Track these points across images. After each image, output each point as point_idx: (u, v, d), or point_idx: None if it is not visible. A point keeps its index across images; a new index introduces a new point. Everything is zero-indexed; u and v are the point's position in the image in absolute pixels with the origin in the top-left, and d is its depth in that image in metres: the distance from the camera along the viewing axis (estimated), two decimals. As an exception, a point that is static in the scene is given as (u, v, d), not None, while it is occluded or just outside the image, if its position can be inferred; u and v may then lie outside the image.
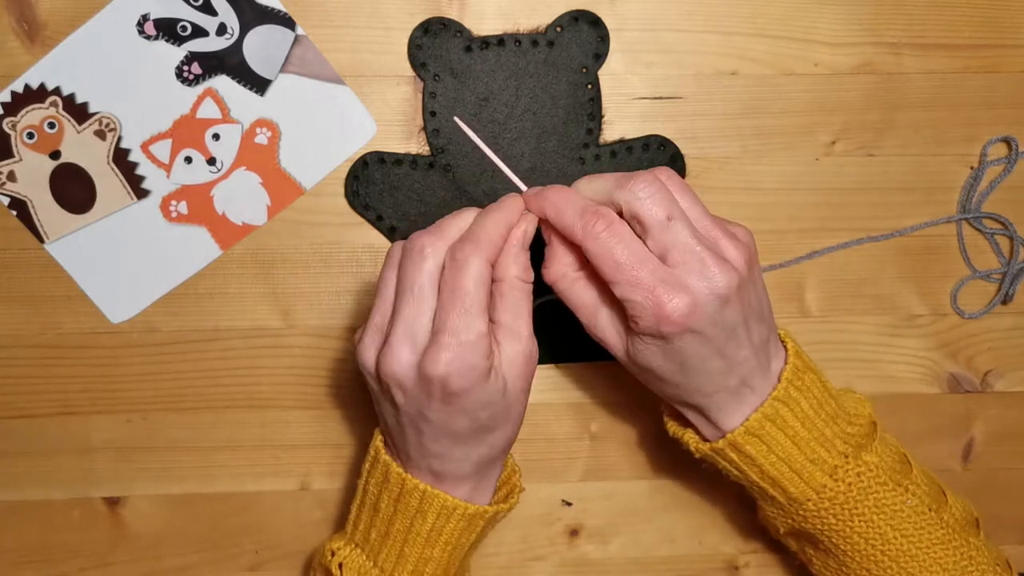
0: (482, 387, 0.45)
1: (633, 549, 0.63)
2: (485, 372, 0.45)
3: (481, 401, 0.46)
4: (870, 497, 0.50)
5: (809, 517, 0.51)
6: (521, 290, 0.47)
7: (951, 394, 0.63)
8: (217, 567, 0.62)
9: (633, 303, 0.44)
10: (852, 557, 0.51)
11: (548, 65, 0.58)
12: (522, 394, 0.48)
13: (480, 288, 0.44)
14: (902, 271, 0.62)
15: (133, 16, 0.57)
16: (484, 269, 0.44)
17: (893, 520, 0.51)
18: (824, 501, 0.50)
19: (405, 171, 0.58)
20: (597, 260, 0.45)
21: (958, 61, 0.60)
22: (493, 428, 0.48)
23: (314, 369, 0.60)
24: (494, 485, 0.52)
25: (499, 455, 0.50)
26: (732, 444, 0.49)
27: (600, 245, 0.45)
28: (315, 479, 0.61)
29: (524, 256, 0.47)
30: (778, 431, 0.49)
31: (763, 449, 0.49)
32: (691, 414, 0.50)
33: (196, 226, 0.59)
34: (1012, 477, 0.64)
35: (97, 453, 0.60)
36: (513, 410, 0.48)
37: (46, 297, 0.59)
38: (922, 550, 0.51)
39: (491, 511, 0.50)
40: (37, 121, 0.57)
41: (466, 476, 0.49)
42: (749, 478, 0.51)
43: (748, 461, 0.50)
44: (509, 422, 0.48)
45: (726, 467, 0.51)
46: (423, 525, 0.49)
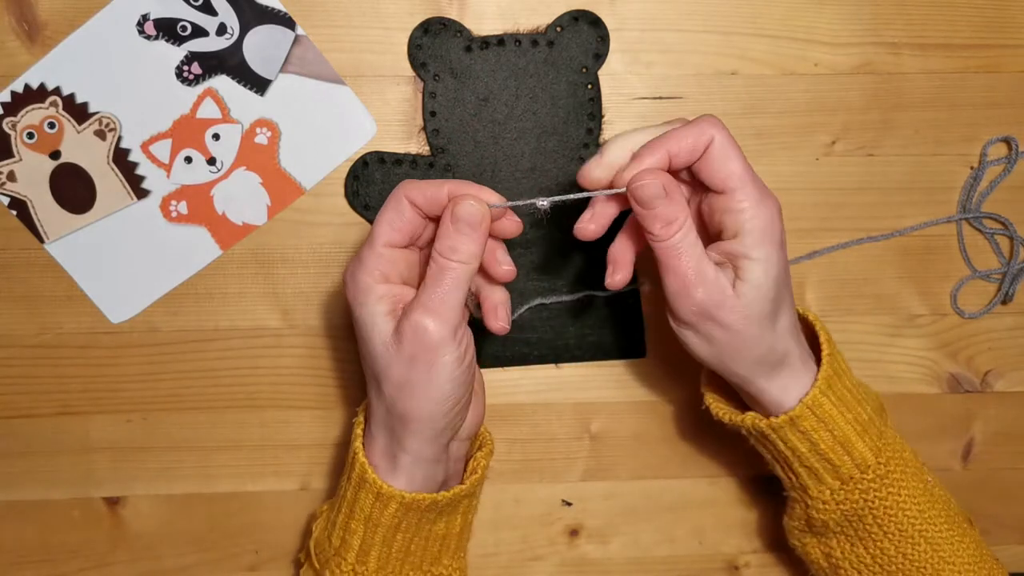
0: (361, 304, 0.47)
1: (633, 549, 0.63)
2: (366, 288, 0.47)
3: (359, 320, 0.47)
4: (908, 469, 0.51)
5: (867, 489, 0.51)
6: (435, 261, 0.46)
7: (951, 394, 0.63)
8: (217, 567, 0.62)
9: (748, 200, 0.47)
10: (893, 538, 0.51)
11: (548, 65, 0.58)
12: (405, 364, 0.47)
13: (386, 212, 0.47)
14: (902, 271, 0.62)
15: (133, 16, 0.57)
16: (397, 199, 0.47)
17: (927, 497, 0.52)
18: (880, 467, 0.51)
19: (405, 171, 0.58)
20: (729, 154, 0.47)
21: (958, 61, 0.60)
22: (376, 374, 0.48)
23: (314, 369, 0.60)
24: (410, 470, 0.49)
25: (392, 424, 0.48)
26: (810, 408, 0.49)
27: (728, 139, 0.47)
28: (315, 479, 0.61)
29: (449, 230, 0.46)
30: (842, 390, 0.50)
31: (833, 411, 0.50)
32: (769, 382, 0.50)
33: (196, 226, 0.59)
34: (1012, 477, 0.64)
35: (97, 453, 0.60)
36: (389, 370, 0.47)
37: (46, 297, 0.59)
38: (949, 532, 0.52)
39: (407, 497, 0.49)
40: (37, 121, 0.57)
41: (373, 434, 0.49)
42: (818, 448, 0.50)
43: (821, 426, 0.50)
44: (386, 380, 0.47)
45: (795, 443, 0.51)
46: (352, 493, 0.50)
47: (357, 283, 0.47)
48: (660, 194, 0.46)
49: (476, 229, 0.46)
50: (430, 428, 0.48)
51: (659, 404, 0.62)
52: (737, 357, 0.49)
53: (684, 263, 0.46)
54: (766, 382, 0.50)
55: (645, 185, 0.46)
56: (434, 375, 0.47)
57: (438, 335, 0.46)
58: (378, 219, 0.48)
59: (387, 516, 0.49)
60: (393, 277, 0.48)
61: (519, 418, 0.61)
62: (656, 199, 0.46)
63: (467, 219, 0.46)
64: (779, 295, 0.48)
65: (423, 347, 0.46)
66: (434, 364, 0.47)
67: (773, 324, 0.48)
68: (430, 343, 0.46)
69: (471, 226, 0.46)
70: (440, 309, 0.46)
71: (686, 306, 0.47)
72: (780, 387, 0.50)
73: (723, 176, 0.47)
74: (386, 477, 0.49)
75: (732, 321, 0.47)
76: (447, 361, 0.47)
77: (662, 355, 0.61)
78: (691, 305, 0.47)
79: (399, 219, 0.47)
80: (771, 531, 0.63)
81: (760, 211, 0.47)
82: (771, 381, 0.50)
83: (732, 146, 0.47)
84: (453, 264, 0.46)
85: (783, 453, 0.51)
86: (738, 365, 0.49)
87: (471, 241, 0.46)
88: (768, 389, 0.50)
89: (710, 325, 0.47)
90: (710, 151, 0.47)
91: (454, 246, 0.46)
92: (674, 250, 0.46)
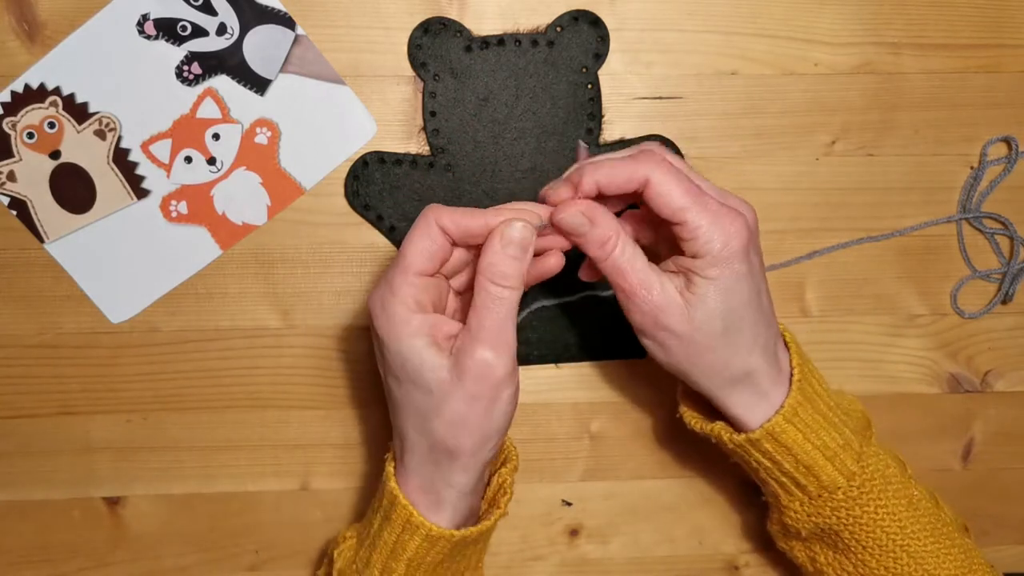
0: (398, 337, 0.45)
1: (633, 549, 0.63)
2: (402, 320, 0.45)
3: (398, 354, 0.46)
4: (890, 487, 0.51)
5: (839, 507, 0.51)
6: (482, 287, 0.45)
7: (951, 394, 0.63)
8: (217, 567, 0.62)
9: (699, 228, 0.46)
10: (872, 553, 0.51)
11: (548, 65, 0.58)
12: (464, 402, 0.45)
13: (415, 239, 0.46)
14: (902, 271, 0.62)
15: (133, 16, 0.57)
16: (428, 225, 0.46)
17: (910, 512, 0.51)
18: (853, 489, 0.50)
19: (405, 171, 0.58)
20: (664, 191, 0.46)
21: (958, 61, 0.60)
22: (418, 409, 0.46)
23: (314, 369, 0.60)
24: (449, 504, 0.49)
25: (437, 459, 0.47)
26: (770, 433, 0.49)
27: (665, 175, 0.46)
28: (315, 479, 0.61)
29: (498, 255, 0.45)
30: (809, 416, 0.50)
31: (798, 436, 0.49)
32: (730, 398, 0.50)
33: (196, 226, 0.59)
34: (1012, 477, 0.64)
35: (97, 453, 0.60)
36: (443, 407, 0.45)
37: (46, 297, 0.59)
38: (934, 545, 0.51)
39: (456, 536, 0.48)
40: (37, 121, 0.57)
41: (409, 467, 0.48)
42: (782, 467, 0.50)
43: (784, 450, 0.50)
44: (437, 416, 0.46)
45: (759, 458, 0.51)
46: (390, 535, 0.48)
47: (392, 315, 0.46)
48: (583, 223, 0.47)
49: (526, 251, 0.46)
50: (480, 461, 0.48)
51: (659, 404, 0.62)
52: (693, 368, 0.49)
53: (628, 275, 0.47)
54: (727, 397, 0.50)
55: (564, 219, 0.47)
56: (494, 411, 0.46)
57: (503, 371, 0.45)
58: (408, 246, 0.46)
59: (432, 554, 0.48)
60: (427, 305, 0.47)
61: (519, 418, 0.61)
62: (581, 227, 0.47)
63: (520, 242, 0.46)
64: (732, 311, 0.47)
65: (488, 385, 0.45)
66: (496, 400, 0.46)
67: (726, 339, 0.48)
68: (495, 380, 0.45)
69: (523, 249, 0.46)
70: (500, 343, 0.45)
71: (636, 314, 0.48)
72: (743, 404, 0.50)
73: (669, 212, 0.46)
74: (429, 514, 0.48)
75: (681, 329, 0.47)
76: (507, 396, 0.46)
77: (662, 355, 0.61)
78: (638, 314, 0.47)
79: (431, 246, 0.46)
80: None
81: (715, 234, 0.46)
82: (732, 397, 0.50)
83: (670, 181, 0.46)
84: (505, 292, 0.45)
85: (751, 464, 0.52)
86: (696, 376, 0.49)
87: (521, 264, 0.46)
88: (730, 405, 0.50)
89: (661, 333, 0.48)
90: (649, 190, 0.47)
91: (505, 272, 0.45)
92: (614, 265, 0.47)
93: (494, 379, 0.45)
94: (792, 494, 0.52)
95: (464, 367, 0.45)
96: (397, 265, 0.46)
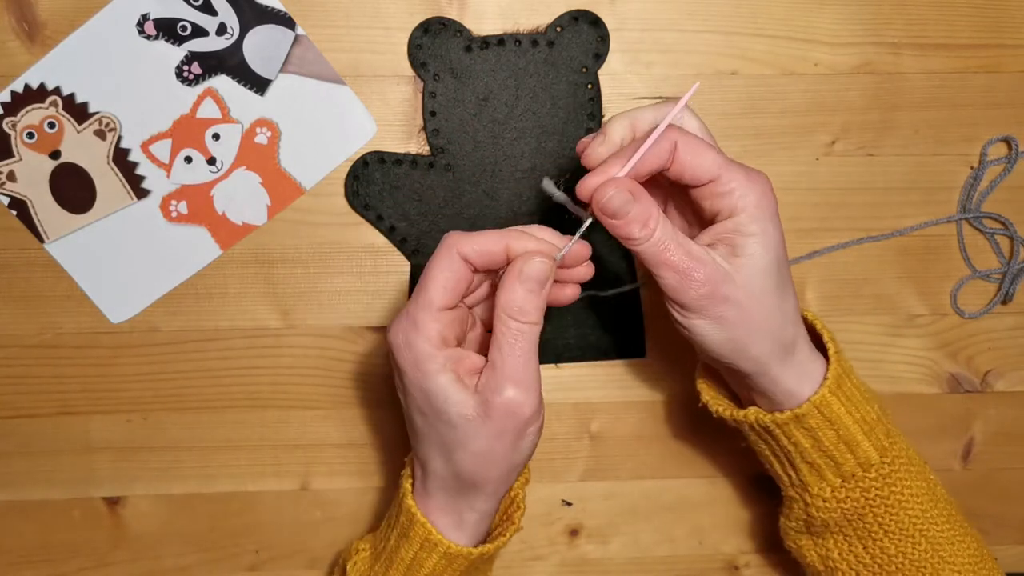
0: (423, 373, 0.45)
1: (633, 549, 0.63)
2: (426, 357, 0.44)
3: (423, 390, 0.45)
4: (913, 467, 0.51)
5: (869, 487, 0.50)
6: (505, 324, 0.44)
7: (951, 394, 0.63)
8: (217, 567, 0.62)
9: (734, 181, 0.46)
10: (893, 538, 0.51)
11: (548, 65, 0.58)
12: (490, 438, 0.45)
13: (438, 273, 0.45)
14: (902, 271, 0.62)
15: (133, 16, 0.57)
16: (450, 257, 0.45)
17: (929, 496, 0.51)
18: (884, 466, 0.50)
19: (405, 171, 0.58)
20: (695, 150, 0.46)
21: (958, 61, 0.60)
22: (442, 442, 0.46)
23: (314, 369, 0.60)
24: (471, 526, 0.49)
25: (461, 489, 0.47)
26: (817, 406, 0.49)
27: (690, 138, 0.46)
28: (315, 479, 0.61)
29: (518, 291, 0.45)
30: (849, 389, 0.49)
31: (842, 410, 0.49)
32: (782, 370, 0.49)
33: (196, 226, 0.59)
34: (1012, 477, 0.64)
35: (97, 453, 0.60)
36: (469, 442, 0.45)
37: (46, 297, 0.59)
38: (950, 532, 0.51)
39: (475, 553, 0.48)
40: (37, 121, 0.57)
41: (431, 492, 0.48)
42: (822, 445, 0.49)
43: (827, 425, 0.49)
44: (463, 450, 0.45)
45: (798, 439, 0.50)
46: (408, 552, 0.48)
47: (416, 350, 0.45)
48: (628, 199, 0.45)
49: (544, 286, 0.45)
50: (504, 489, 0.48)
51: (659, 404, 0.62)
52: (751, 338, 0.47)
53: (673, 253, 0.46)
54: (781, 367, 0.48)
55: (612, 197, 0.45)
56: (520, 445, 0.46)
57: (531, 409, 0.45)
58: (430, 278, 0.45)
59: (450, 572, 0.49)
60: (451, 339, 0.46)
61: (519, 418, 0.61)
62: (626, 205, 0.45)
63: (537, 278, 0.45)
64: (780, 270, 0.47)
65: (515, 422, 0.45)
66: (523, 436, 0.46)
67: (780, 300, 0.47)
68: (523, 418, 0.45)
69: (541, 284, 0.45)
70: (526, 380, 0.44)
71: (691, 292, 0.46)
72: (796, 375, 0.49)
73: (701, 170, 0.46)
74: (450, 534, 0.48)
75: (740, 297, 0.46)
76: (533, 431, 0.46)
77: (662, 355, 0.61)
78: (695, 288, 0.46)
79: (453, 279, 0.45)
80: (771, 531, 0.63)
81: (750, 187, 0.46)
82: (786, 367, 0.49)
83: (698, 141, 0.47)
84: (525, 327, 0.45)
85: (785, 448, 0.51)
86: (753, 347, 0.47)
87: (541, 299, 0.45)
88: (783, 377, 0.49)
89: (719, 305, 0.46)
90: (677, 154, 0.46)
91: (524, 307, 0.44)
92: (660, 245, 0.46)
93: (522, 417, 0.45)
94: (824, 478, 0.51)
95: (491, 405, 0.44)
96: (419, 299, 0.45)
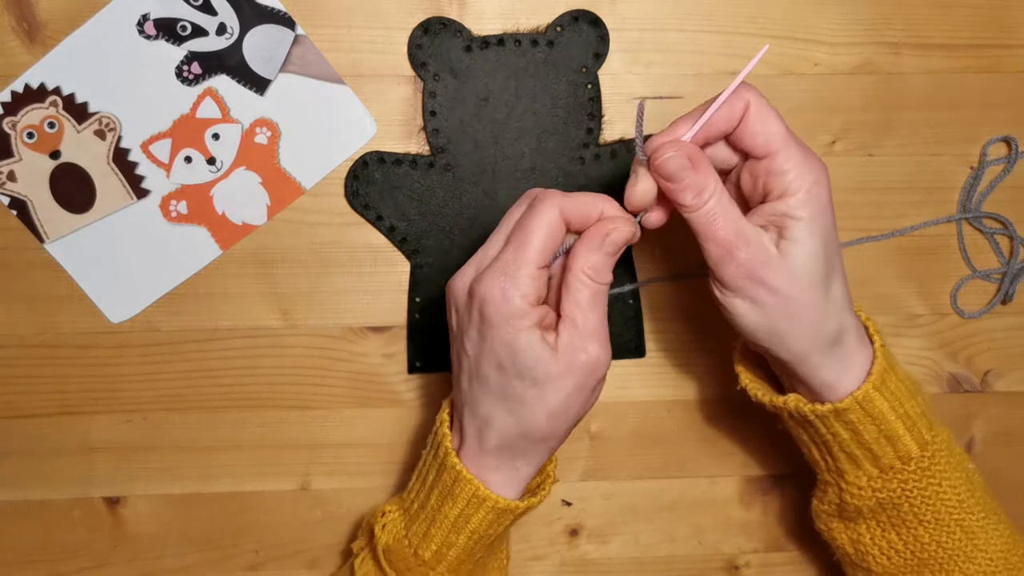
0: (514, 330, 0.45)
1: (633, 549, 0.63)
2: (521, 314, 0.45)
3: (510, 346, 0.45)
4: (953, 458, 0.50)
5: (907, 479, 0.50)
6: (587, 286, 0.45)
7: (951, 394, 0.63)
8: (217, 567, 0.62)
9: (791, 160, 0.46)
10: (928, 527, 0.50)
11: (548, 65, 0.58)
12: (569, 394, 0.46)
13: (542, 231, 0.45)
14: (902, 271, 0.62)
15: (133, 16, 0.57)
16: (554, 217, 0.45)
17: (967, 485, 0.51)
18: (924, 459, 0.49)
19: (405, 171, 0.58)
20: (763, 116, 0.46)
21: (958, 61, 0.60)
22: (520, 400, 0.46)
23: (314, 369, 0.60)
24: (524, 480, 0.50)
25: (527, 445, 0.48)
26: (859, 402, 0.48)
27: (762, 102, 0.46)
28: (315, 479, 0.61)
29: (599, 254, 0.46)
30: (894, 384, 0.49)
31: (885, 406, 0.48)
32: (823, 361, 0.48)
33: (196, 226, 0.59)
34: (1012, 477, 0.64)
35: (97, 453, 0.60)
36: (548, 398, 0.46)
37: (46, 297, 0.59)
38: (985, 520, 0.51)
39: (522, 507, 0.49)
40: (37, 121, 0.57)
41: (488, 449, 0.48)
42: (861, 439, 0.49)
43: (868, 419, 0.48)
44: (540, 407, 0.46)
45: (837, 430, 0.49)
46: (452, 508, 0.49)
47: (512, 306, 0.45)
48: (685, 165, 0.45)
49: (619, 252, 0.46)
50: (564, 440, 0.49)
51: (659, 404, 0.62)
52: (790, 328, 0.47)
53: (722, 227, 0.45)
54: (821, 359, 0.48)
55: (669, 159, 0.45)
56: (592, 399, 0.47)
57: (607, 363, 0.46)
58: (532, 233, 0.45)
59: (495, 527, 0.50)
60: (543, 297, 0.46)
61: (519, 418, 0.61)
62: (682, 170, 0.45)
63: (620, 244, 0.46)
64: (828, 258, 0.46)
65: (596, 377, 0.46)
66: (596, 389, 0.47)
67: (825, 291, 0.47)
68: (602, 373, 0.46)
69: (618, 250, 0.46)
70: (604, 336, 0.46)
71: (731, 269, 0.45)
72: (837, 368, 0.48)
73: (764, 139, 0.46)
74: (499, 490, 0.49)
75: (780, 283, 0.46)
76: (600, 389, 0.47)
77: (662, 355, 0.61)
78: (736, 267, 0.45)
79: (553, 237, 0.46)
80: (771, 531, 0.63)
81: (805, 170, 0.46)
82: (827, 360, 0.48)
83: (769, 108, 0.46)
84: (603, 288, 0.46)
85: (823, 437, 0.50)
86: (792, 337, 0.47)
87: (612, 265, 0.46)
88: (824, 369, 0.48)
89: (758, 289, 0.46)
90: (747, 116, 0.46)
91: (603, 270, 0.46)
92: (710, 216, 0.45)
93: (601, 372, 0.46)
94: (862, 468, 0.50)
95: (576, 361, 0.45)
96: (520, 255, 0.45)
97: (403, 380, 0.61)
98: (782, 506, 0.63)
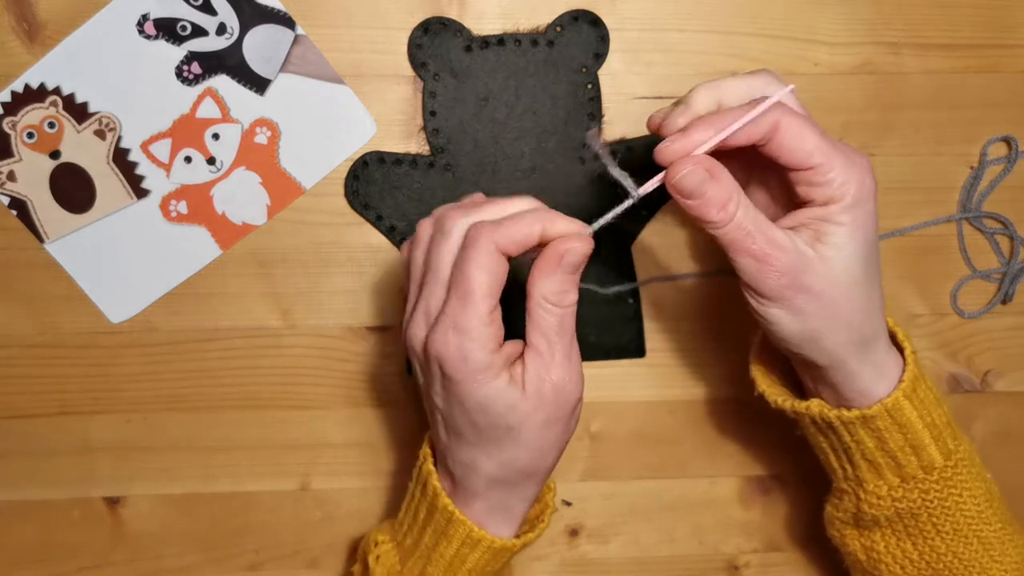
0: (479, 384, 0.43)
1: (633, 549, 0.63)
2: (484, 367, 0.42)
3: (478, 400, 0.43)
4: (974, 468, 0.49)
5: (929, 489, 0.48)
6: (551, 312, 0.43)
7: (951, 394, 0.63)
8: (217, 567, 0.62)
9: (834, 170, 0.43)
10: (945, 537, 0.49)
11: (548, 65, 0.58)
12: (544, 427, 0.44)
13: (481, 276, 0.42)
14: (902, 271, 0.62)
15: (133, 16, 0.57)
16: (490, 257, 0.42)
17: (986, 495, 0.50)
18: (947, 469, 0.48)
19: (405, 171, 0.58)
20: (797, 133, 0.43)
21: (958, 61, 0.60)
22: (498, 444, 0.45)
23: (314, 369, 0.60)
24: (519, 516, 0.49)
25: (516, 482, 0.47)
26: (888, 410, 0.46)
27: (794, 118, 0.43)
28: (315, 479, 0.61)
29: (557, 277, 0.43)
30: (923, 393, 0.47)
31: (913, 414, 0.47)
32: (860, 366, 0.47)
33: (196, 226, 0.59)
34: (1012, 477, 0.64)
35: (97, 453, 0.60)
36: (525, 437, 0.44)
37: (46, 297, 0.59)
38: (1002, 531, 0.50)
39: (518, 544, 0.48)
40: (37, 121, 0.57)
41: (478, 492, 0.47)
42: (886, 447, 0.47)
43: (896, 428, 0.47)
44: (520, 447, 0.44)
45: (862, 437, 0.48)
46: (447, 549, 0.48)
47: (473, 361, 0.42)
48: (704, 178, 0.42)
49: (580, 269, 0.43)
50: (552, 470, 0.47)
51: (659, 404, 0.62)
52: (829, 329, 0.45)
53: (754, 238, 0.43)
54: (859, 363, 0.46)
55: (686, 176, 0.42)
56: (570, 425, 0.45)
57: (578, 392, 0.44)
58: (473, 281, 0.42)
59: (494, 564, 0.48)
60: (501, 340, 0.44)
61: (519, 418, 0.61)
62: (702, 185, 0.42)
63: (577, 263, 0.43)
64: (869, 259, 0.45)
65: (567, 407, 0.44)
66: (572, 417, 0.45)
67: (867, 291, 0.45)
68: (573, 401, 0.44)
69: (578, 268, 0.43)
70: (573, 365, 0.44)
71: (771, 280, 0.43)
72: (872, 373, 0.46)
73: (803, 155, 0.43)
74: (494, 529, 0.48)
75: (820, 287, 0.43)
76: (579, 409, 0.45)
77: (662, 355, 0.61)
78: (776, 277, 0.43)
79: (497, 277, 0.42)
80: (771, 531, 0.63)
81: (850, 177, 0.43)
82: (864, 363, 0.46)
83: (803, 124, 0.43)
84: (567, 311, 0.43)
85: (846, 444, 0.48)
86: (829, 339, 0.45)
87: (577, 278, 0.43)
88: (860, 373, 0.46)
89: (798, 295, 0.44)
90: (779, 134, 0.43)
91: (565, 292, 0.43)
92: (740, 230, 0.43)
93: (572, 400, 0.44)
94: (883, 476, 0.49)
95: (543, 394, 0.43)
96: (467, 307, 0.42)
97: (403, 380, 0.61)
98: (782, 506, 0.63)
